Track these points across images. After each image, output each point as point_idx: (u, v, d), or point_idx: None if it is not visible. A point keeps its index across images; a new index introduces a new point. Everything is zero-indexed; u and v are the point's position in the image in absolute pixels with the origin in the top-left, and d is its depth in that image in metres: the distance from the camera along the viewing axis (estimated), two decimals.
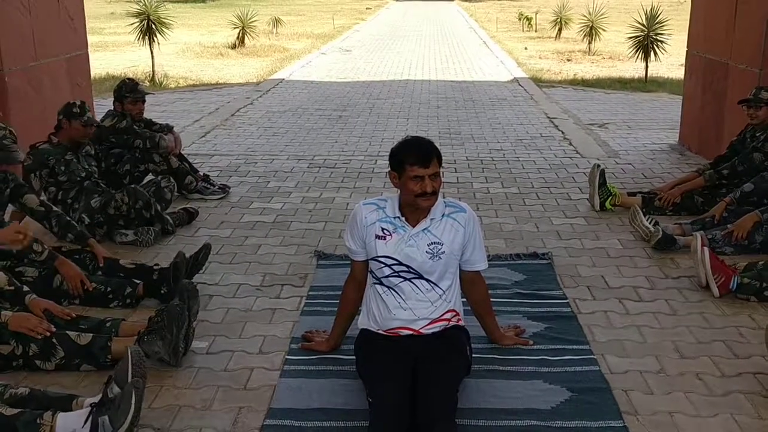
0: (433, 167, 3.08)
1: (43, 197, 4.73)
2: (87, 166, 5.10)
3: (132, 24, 14.14)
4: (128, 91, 5.86)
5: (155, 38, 13.81)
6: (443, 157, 3.26)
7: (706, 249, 4.20)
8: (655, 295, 4.21)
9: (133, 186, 5.14)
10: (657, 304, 4.10)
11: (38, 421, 2.72)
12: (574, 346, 3.59)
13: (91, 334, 3.37)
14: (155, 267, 4.24)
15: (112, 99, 5.94)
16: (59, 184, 4.94)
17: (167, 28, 14.10)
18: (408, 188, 3.10)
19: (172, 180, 5.62)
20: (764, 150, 5.36)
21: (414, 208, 3.16)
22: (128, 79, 6.15)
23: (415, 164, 3.07)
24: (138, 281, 4.07)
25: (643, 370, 3.40)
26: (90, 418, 2.72)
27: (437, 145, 3.21)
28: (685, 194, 5.54)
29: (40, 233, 4.53)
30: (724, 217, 4.93)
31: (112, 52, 17.39)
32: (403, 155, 3.11)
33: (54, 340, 3.32)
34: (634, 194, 5.79)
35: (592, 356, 3.50)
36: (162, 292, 4.03)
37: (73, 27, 7.34)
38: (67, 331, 3.38)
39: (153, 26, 13.74)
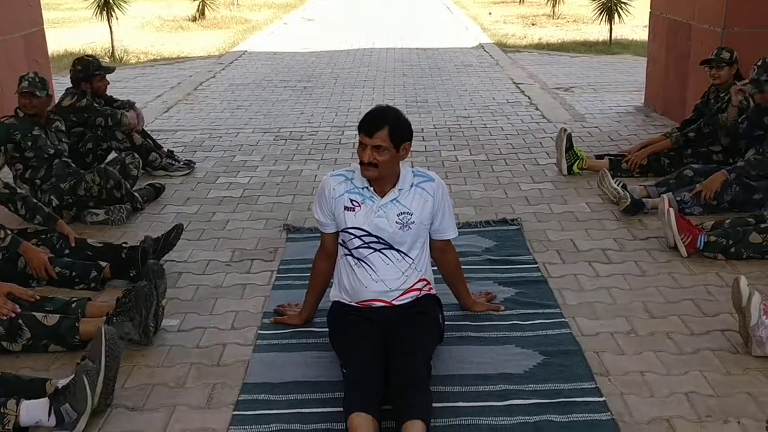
0: (378, 140, 3.03)
1: (9, 178, 4.62)
2: (56, 143, 4.99)
3: None
4: (97, 68, 5.75)
5: (113, 13, 13.51)
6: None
7: (671, 210, 4.24)
8: (624, 256, 4.25)
9: (103, 166, 5.03)
10: (626, 265, 4.14)
11: (2, 410, 2.68)
12: (545, 310, 3.61)
13: (58, 315, 3.32)
14: (123, 245, 4.18)
15: (71, 79, 5.76)
16: (26, 160, 4.82)
17: (125, 2, 13.80)
18: (358, 154, 3.09)
19: (136, 156, 5.53)
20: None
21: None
22: (87, 56, 6.00)
23: (361, 131, 3.07)
24: (104, 263, 4.01)
25: (614, 331, 3.43)
26: (52, 409, 2.70)
27: (404, 113, 3.17)
28: (652, 156, 5.59)
29: (5, 216, 4.44)
30: (690, 177, 4.97)
31: (70, 29, 17.00)
32: (360, 121, 3.10)
33: (20, 321, 3.26)
34: (601, 157, 5.83)
35: (563, 319, 3.53)
36: (131, 274, 3.99)
37: (27, 2, 7.14)
38: (34, 313, 3.32)
39: (110, 0, 13.44)
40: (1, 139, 4.77)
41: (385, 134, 3.04)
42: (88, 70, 5.70)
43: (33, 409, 2.71)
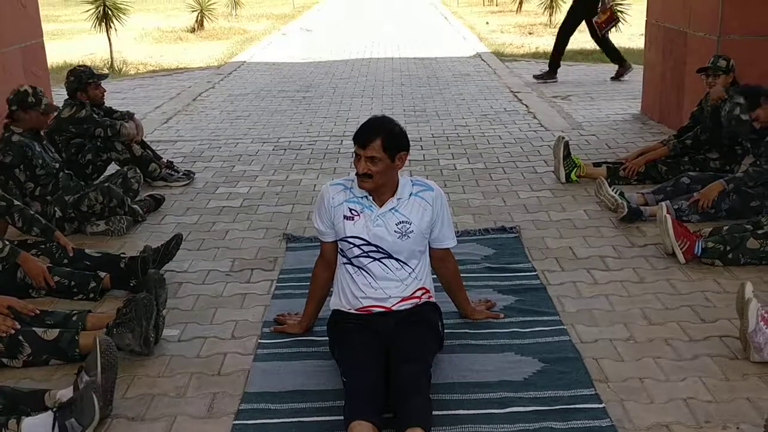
0: (371, 150, 3.05)
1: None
2: (54, 155, 5.00)
3: (87, 10, 13.86)
4: (89, 76, 5.77)
5: (112, 24, 13.56)
6: (408, 136, 3.23)
7: (669, 217, 4.26)
8: (623, 264, 4.26)
9: (107, 185, 5.02)
10: (624, 272, 4.15)
11: (3, 431, 2.68)
12: (545, 318, 3.63)
13: (58, 330, 3.32)
14: (122, 255, 4.19)
15: (67, 91, 5.78)
16: (36, 178, 4.78)
17: (124, 13, 13.85)
18: (354, 164, 3.12)
19: (138, 171, 5.53)
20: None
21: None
22: (79, 66, 6.02)
23: (355, 143, 3.09)
24: (103, 274, 4.01)
25: (613, 338, 3.45)
26: (57, 423, 2.70)
27: (402, 123, 3.19)
28: (650, 163, 5.61)
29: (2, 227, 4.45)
30: (686, 184, 5.00)
31: (69, 40, 17.05)
32: (354, 132, 3.13)
33: (20, 337, 3.26)
34: (599, 165, 5.85)
35: (562, 326, 3.54)
36: (131, 284, 3.99)
37: (27, 15, 7.17)
38: (33, 328, 3.33)
39: (109, 12, 13.49)
40: (19, 157, 4.68)
41: (379, 145, 3.06)
42: (81, 80, 5.73)
43: (34, 427, 2.70)
